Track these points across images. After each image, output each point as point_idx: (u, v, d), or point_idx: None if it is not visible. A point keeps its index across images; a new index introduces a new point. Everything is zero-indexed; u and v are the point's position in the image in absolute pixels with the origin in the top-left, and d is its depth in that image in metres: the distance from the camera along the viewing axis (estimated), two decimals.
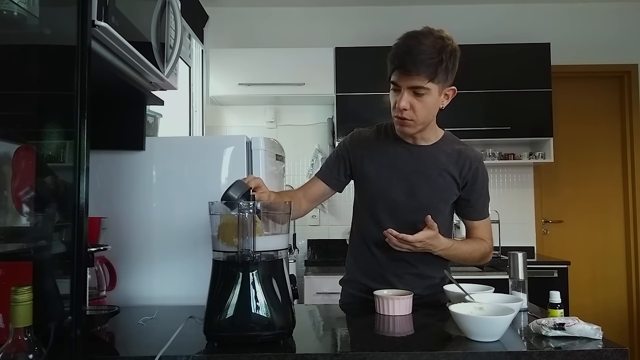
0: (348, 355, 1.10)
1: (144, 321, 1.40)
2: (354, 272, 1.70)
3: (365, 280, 1.64)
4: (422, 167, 1.58)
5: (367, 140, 1.66)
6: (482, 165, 1.61)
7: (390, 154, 1.61)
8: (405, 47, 1.44)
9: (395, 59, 1.46)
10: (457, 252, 1.56)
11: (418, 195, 1.57)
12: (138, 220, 1.75)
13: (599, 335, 1.16)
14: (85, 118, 0.94)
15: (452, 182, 1.58)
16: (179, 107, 3.34)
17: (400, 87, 1.47)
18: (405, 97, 1.46)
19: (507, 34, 3.77)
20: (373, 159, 1.62)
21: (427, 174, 1.58)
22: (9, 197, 1.15)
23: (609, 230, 3.93)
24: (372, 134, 1.67)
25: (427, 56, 1.41)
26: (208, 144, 1.90)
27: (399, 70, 1.45)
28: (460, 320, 1.18)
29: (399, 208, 1.58)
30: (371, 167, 1.61)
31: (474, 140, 3.61)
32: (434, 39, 1.44)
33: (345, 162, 1.66)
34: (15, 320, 0.82)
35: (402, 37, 1.48)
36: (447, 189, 1.59)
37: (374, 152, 1.63)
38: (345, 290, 1.73)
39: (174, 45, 1.59)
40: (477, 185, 1.60)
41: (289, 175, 2.64)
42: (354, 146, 1.66)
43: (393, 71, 1.48)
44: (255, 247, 1.16)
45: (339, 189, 1.70)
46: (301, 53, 3.59)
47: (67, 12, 0.98)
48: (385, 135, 1.65)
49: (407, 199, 1.57)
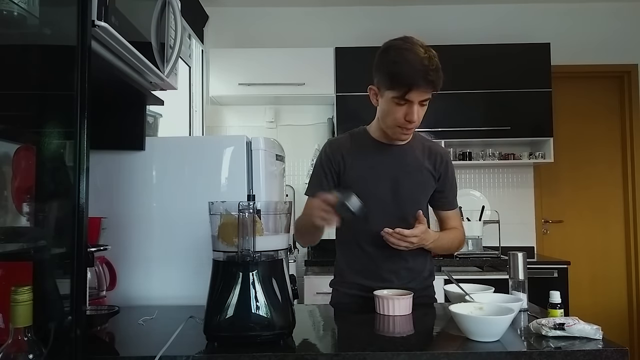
0: (348, 355, 1.10)
1: (144, 321, 1.40)
2: (345, 272, 1.71)
3: (359, 279, 1.66)
4: (402, 165, 1.65)
5: (343, 147, 1.69)
6: (450, 159, 1.73)
7: (370, 156, 1.66)
8: (421, 66, 1.44)
9: (410, 78, 1.44)
10: (443, 243, 1.66)
11: (402, 191, 1.63)
12: (138, 220, 1.75)
13: (599, 335, 1.16)
14: (85, 118, 0.94)
15: (429, 177, 1.67)
16: (179, 107, 3.34)
17: (407, 101, 1.49)
18: (417, 110, 1.50)
19: (507, 34, 3.77)
20: (354, 162, 1.66)
21: (407, 171, 1.65)
22: (9, 197, 1.16)
23: (609, 230, 3.93)
24: (346, 140, 1.71)
25: (440, 70, 1.47)
26: (208, 144, 1.90)
27: (418, 89, 1.46)
28: (460, 320, 1.18)
29: (386, 205, 1.62)
30: (353, 171, 1.65)
31: (474, 140, 3.62)
32: (429, 49, 1.48)
33: (332, 173, 1.68)
34: (15, 320, 0.82)
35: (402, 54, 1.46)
36: (426, 183, 1.67)
37: (354, 156, 1.66)
38: (337, 290, 1.74)
39: (174, 45, 1.59)
40: (448, 177, 1.70)
41: (289, 175, 2.64)
42: (333, 154, 1.68)
43: (409, 90, 1.46)
44: (255, 247, 1.16)
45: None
46: (301, 53, 3.59)
47: (67, 12, 0.98)
48: (361, 139, 1.69)
49: (393, 195, 1.63)
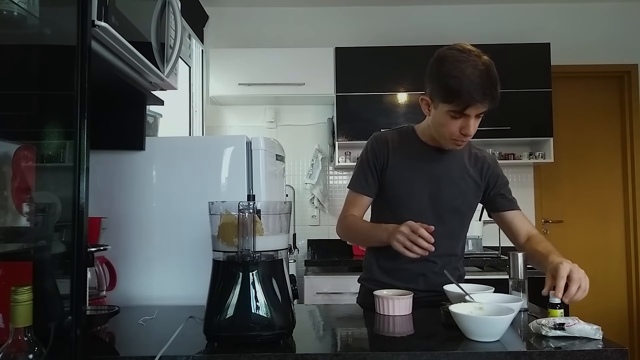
0: (348, 355, 1.10)
1: (144, 321, 1.40)
2: (374, 271, 1.69)
3: (387, 279, 1.63)
4: (447, 170, 1.62)
5: (390, 143, 1.66)
6: (497, 163, 1.71)
7: (416, 157, 1.63)
8: (480, 80, 1.42)
9: (470, 93, 1.42)
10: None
11: (442, 197, 1.60)
12: (138, 220, 1.75)
13: (599, 335, 1.16)
14: (85, 118, 0.94)
15: (474, 185, 1.63)
16: (179, 107, 3.34)
17: (464, 115, 1.47)
18: (473, 124, 1.49)
19: (507, 34, 3.77)
20: (397, 161, 1.63)
21: (450, 177, 1.62)
22: (9, 197, 1.15)
23: (609, 230, 3.93)
24: (394, 137, 1.67)
25: (499, 82, 1.46)
26: (208, 144, 1.90)
27: (477, 105, 1.44)
28: (460, 320, 1.18)
29: (423, 210, 1.59)
30: (396, 169, 1.62)
31: (474, 140, 3.59)
32: (486, 61, 1.46)
33: (376, 168, 1.65)
34: (15, 320, 0.82)
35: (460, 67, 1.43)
36: (469, 192, 1.63)
37: (398, 154, 1.64)
38: (365, 287, 1.71)
39: (174, 45, 1.59)
40: (500, 178, 1.68)
41: (289, 175, 2.64)
42: (379, 149, 1.65)
43: (467, 106, 1.44)
44: (255, 247, 1.16)
45: (375, 195, 1.69)
46: (301, 53, 3.59)
47: (67, 12, 0.98)
48: (409, 138, 1.66)
49: (431, 201, 1.60)
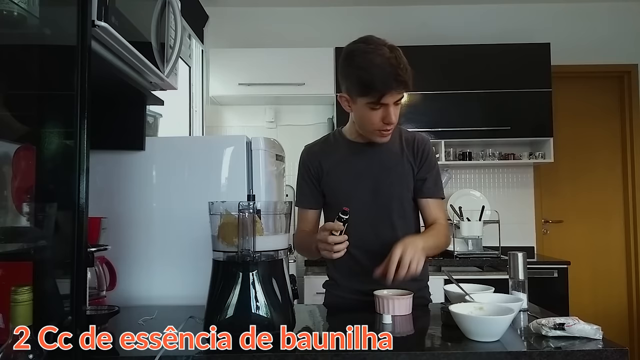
0: (348, 355, 1.10)
1: (144, 321, 1.40)
2: (336, 276, 1.70)
3: (349, 282, 1.65)
4: (381, 162, 1.62)
5: (320, 152, 1.68)
6: (430, 146, 1.67)
7: (348, 157, 1.64)
8: (390, 68, 1.40)
9: (383, 82, 1.41)
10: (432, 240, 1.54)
11: (383, 189, 1.61)
12: (138, 220, 1.75)
13: (599, 335, 1.16)
14: (85, 118, 0.94)
15: (409, 167, 1.63)
16: (179, 107, 3.34)
17: (382, 105, 1.46)
18: (393, 111, 1.47)
19: (507, 34, 3.78)
20: (331, 166, 1.65)
21: (387, 167, 1.62)
22: (9, 197, 1.16)
23: (609, 230, 3.93)
24: (323, 144, 1.71)
25: (409, 67, 1.44)
26: (208, 144, 1.91)
27: (391, 92, 1.43)
28: (460, 320, 1.18)
29: (369, 206, 1.61)
30: (331, 175, 1.64)
31: (474, 140, 3.62)
32: (393, 48, 1.44)
33: (312, 181, 1.67)
34: (15, 320, 0.82)
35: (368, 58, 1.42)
36: (406, 175, 1.63)
37: (331, 160, 1.65)
38: (330, 292, 1.73)
39: (174, 45, 1.59)
40: (428, 162, 1.64)
41: (288, 175, 2.63)
42: (311, 161, 1.67)
43: (383, 95, 1.43)
44: (255, 247, 1.16)
45: (322, 205, 1.71)
46: (301, 53, 3.59)
47: (67, 12, 0.98)
48: (337, 142, 1.68)
49: (373, 195, 1.61)
